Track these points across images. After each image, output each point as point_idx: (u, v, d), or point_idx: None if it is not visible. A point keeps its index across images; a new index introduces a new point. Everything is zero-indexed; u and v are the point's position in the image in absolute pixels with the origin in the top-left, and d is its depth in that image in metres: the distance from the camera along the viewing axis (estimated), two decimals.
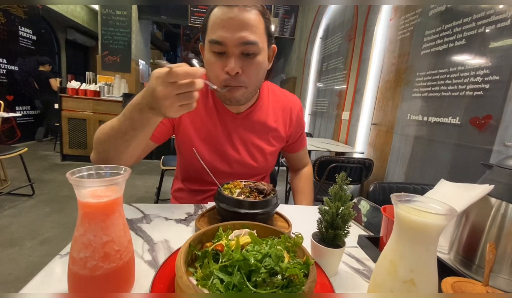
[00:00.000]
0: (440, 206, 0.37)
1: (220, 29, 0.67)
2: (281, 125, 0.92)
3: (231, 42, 0.67)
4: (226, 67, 0.69)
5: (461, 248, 0.58)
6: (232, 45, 0.67)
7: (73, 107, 3.80)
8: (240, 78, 0.71)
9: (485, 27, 1.50)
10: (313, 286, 0.36)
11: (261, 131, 0.89)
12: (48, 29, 6.16)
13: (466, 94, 1.59)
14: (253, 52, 0.70)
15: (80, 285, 0.36)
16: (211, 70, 0.72)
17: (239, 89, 0.73)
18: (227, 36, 0.66)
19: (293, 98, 0.98)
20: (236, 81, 0.71)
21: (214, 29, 0.68)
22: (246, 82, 0.73)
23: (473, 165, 1.54)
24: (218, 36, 0.67)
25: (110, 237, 0.36)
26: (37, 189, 2.74)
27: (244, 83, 0.72)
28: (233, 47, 0.67)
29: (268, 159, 0.93)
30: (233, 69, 0.68)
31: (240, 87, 0.73)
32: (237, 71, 0.69)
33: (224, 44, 0.67)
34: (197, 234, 0.44)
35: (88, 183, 0.35)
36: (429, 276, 0.35)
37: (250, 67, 0.71)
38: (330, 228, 0.49)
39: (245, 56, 0.70)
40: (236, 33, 0.66)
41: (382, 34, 2.58)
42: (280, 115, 0.92)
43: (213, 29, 0.68)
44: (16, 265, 1.66)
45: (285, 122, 0.94)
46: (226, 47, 0.68)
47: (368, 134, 2.68)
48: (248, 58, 0.70)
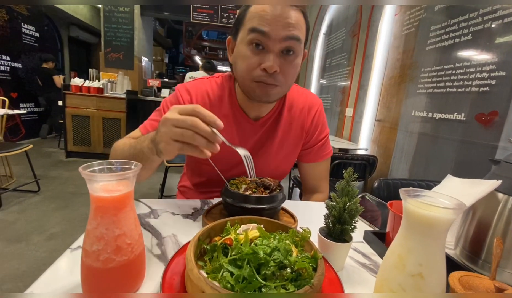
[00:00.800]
0: (449, 201, 0.37)
1: (265, 19, 0.63)
2: (299, 130, 0.87)
3: (276, 35, 0.63)
4: (264, 64, 0.65)
5: (467, 243, 0.58)
6: (276, 38, 0.63)
7: (77, 104, 3.82)
8: (277, 76, 0.67)
9: (492, 22, 1.48)
10: (321, 280, 0.36)
11: (278, 139, 0.85)
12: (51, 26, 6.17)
13: (472, 90, 1.57)
14: (294, 50, 0.67)
15: (93, 277, 0.37)
16: (245, 64, 0.67)
17: (274, 87, 0.69)
18: (272, 28, 0.63)
19: (313, 98, 0.90)
20: (272, 79, 0.67)
21: (257, 18, 0.64)
22: (282, 82, 0.69)
23: (478, 161, 1.53)
24: (262, 24, 0.63)
25: (122, 231, 0.37)
26: (42, 186, 2.77)
27: (280, 82, 0.68)
28: (276, 41, 0.64)
29: (283, 167, 0.89)
30: (271, 67, 0.64)
31: (276, 86, 0.68)
32: (276, 69, 0.65)
33: (267, 35, 0.63)
34: (205, 229, 0.44)
35: (100, 177, 0.36)
36: (438, 269, 0.36)
37: (288, 67, 0.68)
38: (337, 223, 0.49)
39: (284, 54, 0.66)
40: (282, 25, 0.63)
41: (387, 29, 2.56)
42: (297, 119, 0.86)
43: (255, 18, 0.64)
44: (24, 260, 1.69)
45: (302, 125, 0.87)
46: (268, 41, 0.64)
47: (372, 130, 2.67)
48: (287, 56, 0.67)
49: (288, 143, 0.87)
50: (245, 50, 0.67)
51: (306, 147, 0.90)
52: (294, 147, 0.88)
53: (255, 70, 0.66)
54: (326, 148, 0.92)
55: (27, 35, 4.76)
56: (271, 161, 0.86)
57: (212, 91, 0.82)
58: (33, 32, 4.87)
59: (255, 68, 0.66)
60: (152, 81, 4.93)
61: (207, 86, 0.82)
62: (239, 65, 0.70)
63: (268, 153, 0.85)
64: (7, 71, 4.41)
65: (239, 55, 0.69)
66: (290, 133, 0.86)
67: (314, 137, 0.89)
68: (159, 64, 8.25)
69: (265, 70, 0.65)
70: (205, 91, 0.81)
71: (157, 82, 4.96)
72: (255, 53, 0.66)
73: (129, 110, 3.99)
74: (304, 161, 0.93)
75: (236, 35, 0.71)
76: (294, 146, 0.88)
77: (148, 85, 4.93)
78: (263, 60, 0.65)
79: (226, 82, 0.83)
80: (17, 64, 4.60)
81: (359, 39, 2.97)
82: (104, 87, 3.97)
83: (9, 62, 4.45)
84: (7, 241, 1.86)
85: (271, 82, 0.67)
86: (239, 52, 0.69)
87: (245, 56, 0.67)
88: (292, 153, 0.89)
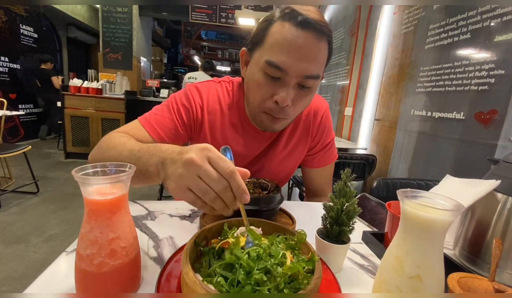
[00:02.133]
0: (447, 202, 0.36)
1: (284, 53, 0.58)
2: (304, 134, 0.85)
3: (293, 72, 0.59)
4: (277, 96, 0.61)
5: (466, 244, 0.58)
6: (293, 75, 0.60)
7: (75, 105, 3.82)
8: (287, 110, 0.64)
9: (491, 20, 1.48)
10: (319, 282, 0.36)
11: (283, 144, 0.83)
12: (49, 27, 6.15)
13: (471, 89, 1.57)
14: (310, 86, 0.64)
15: (87, 281, 0.36)
16: (257, 92, 0.65)
17: (280, 120, 0.66)
18: (290, 64, 0.59)
19: (319, 102, 0.87)
20: (282, 113, 0.64)
21: (276, 49, 0.59)
22: (290, 115, 0.66)
23: (477, 160, 1.53)
24: (280, 61, 0.59)
25: (116, 234, 0.36)
26: (41, 187, 2.76)
27: (287, 116, 0.66)
28: (293, 77, 0.60)
29: (287, 172, 0.88)
30: (284, 101, 0.61)
31: (283, 119, 0.66)
32: (288, 103, 0.62)
33: (284, 71, 0.59)
34: (202, 231, 0.44)
35: (94, 181, 0.35)
36: (436, 271, 0.35)
37: (301, 101, 0.65)
38: (335, 224, 0.49)
39: (299, 87, 0.63)
40: (301, 63, 0.59)
41: (386, 28, 2.55)
42: (303, 122, 0.84)
43: (275, 48, 0.60)
44: (22, 261, 1.69)
45: (308, 129, 0.85)
46: (285, 75, 0.60)
47: (371, 129, 2.67)
48: (302, 90, 0.63)
49: (293, 148, 0.85)
50: (259, 77, 0.63)
51: (311, 152, 0.88)
52: (299, 152, 0.86)
53: (267, 101, 0.64)
54: (331, 153, 0.90)
55: (26, 36, 4.75)
56: (275, 165, 0.84)
57: (224, 98, 0.79)
58: (32, 33, 4.86)
59: (267, 98, 0.64)
60: (151, 82, 4.93)
61: (218, 91, 0.80)
62: (251, 89, 0.67)
63: (273, 158, 0.84)
64: (5, 72, 4.40)
65: (252, 78, 0.66)
66: (296, 137, 0.84)
67: (320, 142, 0.87)
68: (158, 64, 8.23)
69: (277, 103, 0.62)
70: (216, 96, 0.79)
71: (156, 82, 4.95)
72: (269, 83, 0.62)
73: (128, 111, 3.98)
74: (309, 166, 0.91)
75: (252, 52, 0.66)
76: (299, 151, 0.86)
77: (147, 86, 4.92)
78: (276, 92, 0.62)
79: (236, 90, 0.80)
80: (16, 65, 4.59)
81: (357, 38, 2.96)
82: (103, 87, 3.97)
83: (8, 63, 4.44)
84: (6, 243, 1.85)
85: (280, 116, 0.65)
86: (253, 75, 0.65)
87: (259, 83, 0.63)
88: (297, 157, 0.87)
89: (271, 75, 0.61)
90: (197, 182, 0.38)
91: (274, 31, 0.60)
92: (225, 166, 0.38)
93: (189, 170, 0.39)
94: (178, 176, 0.40)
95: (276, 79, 0.62)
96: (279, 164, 0.85)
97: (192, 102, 0.76)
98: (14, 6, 4.43)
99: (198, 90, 0.78)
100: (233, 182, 0.39)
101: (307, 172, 0.93)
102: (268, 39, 0.61)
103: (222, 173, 0.38)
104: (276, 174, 0.86)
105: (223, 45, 8.44)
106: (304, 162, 0.91)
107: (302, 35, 0.58)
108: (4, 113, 2.66)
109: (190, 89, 0.78)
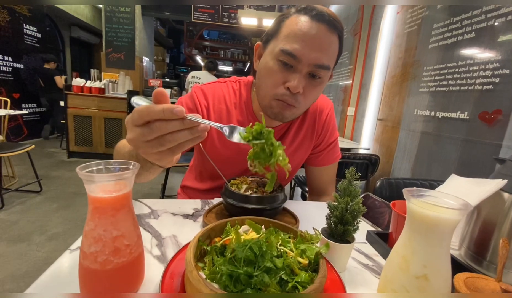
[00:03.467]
0: (454, 201, 0.36)
1: (298, 41, 0.62)
2: (309, 132, 0.86)
3: (306, 60, 0.62)
4: (289, 83, 0.64)
5: (472, 244, 0.57)
6: (306, 62, 0.62)
7: (78, 105, 3.83)
8: (298, 97, 0.66)
9: (495, 19, 1.47)
10: (323, 282, 0.35)
11: (289, 142, 0.84)
12: (52, 27, 6.19)
13: (475, 88, 1.56)
14: (321, 76, 0.66)
15: (91, 279, 0.36)
16: (270, 79, 0.67)
17: (291, 108, 0.68)
18: (303, 52, 0.62)
19: (324, 101, 0.89)
20: (293, 99, 0.66)
21: (291, 38, 0.63)
22: (301, 103, 0.68)
23: (481, 160, 1.52)
24: (294, 48, 0.62)
25: (120, 232, 0.36)
26: (44, 186, 2.78)
27: (298, 104, 0.67)
28: (305, 65, 0.63)
29: (293, 173, 0.90)
30: (296, 88, 0.63)
31: (294, 107, 0.67)
32: (299, 90, 0.64)
33: (297, 59, 0.62)
34: (205, 229, 0.44)
35: (98, 178, 0.35)
36: (443, 271, 0.35)
37: (312, 90, 0.67)
38: (340, 224, 0.48)
39: (310, 77, 0.65)
40: (313, 52, 0.62)
41: (389, 28, 2.54)
42: (308, 121, 0.85)
43: (289, 38, 0.63)
44: (25, 260, 1.69)
45: (313, 128, 0.86)
46: (297, 63, 0.63)
47: (374, 129, 2.65)
48: (313, 80, 0.66)
49: (299, 146, 0.86)
50: (272, 64, 0.65)
51: (315, 151, 0.89)
52: (304, 150, 0.87)
53: (279, 87, 0.66)
54: (335, 152, 0.91)
55: (29, 36, 4.77)
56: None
57: (229, 97, 0.81)
58: (35, 33, 4.89)
59: (279, 84, 0.66)
60: (153, 81, 4.93)
61: (224, 91, 0.81)
62: (263, 77, 0.69)
63: None
64: (9, 71, 4.43)
65: (265, 66, 0.68)
66: (301, 135, 0.85)
67: (325, 140, 0.88)
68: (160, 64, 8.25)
69: (289, 89, 0.64)
70: (222, 96, 0.80)
71: (158, 82, 4.96)
72: (282, 70, 0.65)
73: (131, 110, 3.94)
74: (313, 164, 0.92)
75: (267, 44, 0.69)
76: (304, 149, 0.87)
77: (149, 85, 4.94)
78: (288, 79, 0.64)
79: (243, 89, 0.82)
80: (19, 65, 4.62)
81: (360, 37, 2.95)
82: (105, 87, 3.98)
83: (11, 62, 4.46)
84: (9, 241, 1.87)
85: (291, 103, 0.66)
86: (266, 64, 0.67)
87: (272, 70, 0.66)
88: (301, 156, 0.88)
89: (285, 63, 0.64)
90: (147, 144, 0.39)
91: (290, 23, 0.64)
92: (137, 116, 0.39)
93: (134, 143, 0.41)
94: (143, 152, 0.42)
95: (289, 67, 0.64)
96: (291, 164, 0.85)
97: (198, 104, 0.78)
98: (18, 7, 4.45)
99: (203, 91, 0.80)
100: (154, 114, 0.37)
101: (310, 170, 0.94)
102: (283, 30, 0.65)
103: (143, 122, 0.38)
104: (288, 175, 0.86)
105: (225, 45, 8.45)
106: (308, 161, 0.92)
107: (316, 26, 0.61)
108: (8, 113, 2.67)
109: (195, 91, 0.80)
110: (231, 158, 0.81)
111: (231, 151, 0.80)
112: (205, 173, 0.90)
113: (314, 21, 0.62)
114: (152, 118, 0.37)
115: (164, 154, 0.41)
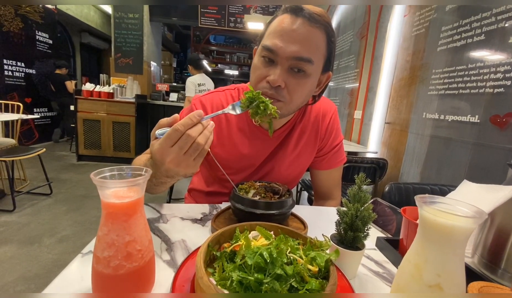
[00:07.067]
0: (468, 209, 0.35)
1: (277, 37, 0.64)
2: (313, 136, 0.86)
3: (283, 53, 0.63)
4: (269, 76, 0.65)
5: (486, 252, 0.56)
6: (283, 56, 0.63)
7: (88, 109, 3.91)
8: (280, 91, 0.66)
9: (506, 21, 1.44)
10: (334, 289, 0.35)
11: (292, 146, 0.84)
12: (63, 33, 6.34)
13: (486, 91, 1.53)
14: (304, 70, 0.65)
15: (103, 284, 0.37)
16: (253, 74, 0.69)
17: (276, 102, 0.67)
18: (280, 46, 0.63)
19: (327, 104, 0.88)
20: (275, 93, 0.66)
21: (271, 35, 0.65)
22: (286, 98, 0.67)
23: (493, 165, 1.48)
24: (272, 43, 0.64)
25: (132, 237, 0.37)
26: (54, 188, 2.83)
27: (283, 98, 0.67)
28: (284, 59, 0.64)
29: (295, 174, 0.88)
30: (274, 81, 0.64)
31: (278, 100, 0.67)
32: (279, 84, 0.64)
33: (275, 53, 0.64)
34: (215, 235, 0.44)
35: (111, 184, 0.36)
36: (457, 281, 0.34)
37: (295, 85, 0.66)
38: (350, 230, 0.48)
39: (294, 71, 0.66)
40: (291, 45, 0.63)
41: (396, 31, 2.52)
42: (312, 125, 0.85)
43: (270, 35, 0.66)
44: (36, 262, 1.72)
45: (317, 132, 0.86)
46: (277, 57, 0.64)
47: (382, 133, 2.63)
48: (296, 74, 0.66)
49: (302, 150, 0.85)
50: (257, 61, 0.69)
51: (320, 154, 0.89)
52: (308, 154, 0.87)
53: (262, 82, 0.67)
54: (339, 155, 0.91)
55: (41, 42, 4.90)
56: (284, 168, 0.85)
57: (227, 104, 0.80)
58: (47, 39, 5.01)
59: (261, 79, 0.67)
60: (160, 86, 5.00)
61: (222, 99, 0.82)
62: (251, 75, 0.72)
63: (282, 161, 0.85)
64: (21, 77, 4.55)
65: (252, 65, 0.71)
66: (305, 139, 0.85)
67: (328, 143, 0.88)
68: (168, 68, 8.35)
69: (269, 83, 0.65)
70: (220, 105, 0.81)
71: (166, 86, 5.02)
72: (264, 66, 0.67)
73: (138, 114, 4.05)
74: (317, 168, 0.92)
75: (258, 46, 0.72)
76: (308, 153, 0.87)
77: (157, 90, 5.00)
78: (269, 73, 0.66)
79: (242, 95, 0.82)
80: (31, 70, 4.74)
81: (367, 40, 2.93)
82: (114, 91, 4.05)
83: (24, 68, 4.58)
84: (20, 243, 1.90)
85: (274, 96, 0.66)
86: (253, 63, 0.71)
87: (255, 67, 0.69)
88: (305, 160, 0.88)
89: (268, 59, 0.66)
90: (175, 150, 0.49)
91: (274, 22, 0.67)
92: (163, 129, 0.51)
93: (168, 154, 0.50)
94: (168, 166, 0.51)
95: (271, 62, 0.66)
96: (289, 166, 0.86)
97: None
98: (31, 14, 4.58)
99: (202, 102, 0.81)
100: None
101: (315, 174, 0.94)
102: (268, 30, 0.68)
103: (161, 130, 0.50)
104: (285, 176, 0.86)
105: (231, 49, 8.51)
106: (313, 164, 0.92)
107: (294, 20, 0.64)
108: (20, 117, 2.74)
109: (194, 103, 0.82)
110: (237, 158, 0.82)
111: (235, 150, 0.81)
112: (212, 177, 0.90)
113: (293, 16, 0.64)
114: (186, 128, 0.47)
115: (197, 159, 0.51)
